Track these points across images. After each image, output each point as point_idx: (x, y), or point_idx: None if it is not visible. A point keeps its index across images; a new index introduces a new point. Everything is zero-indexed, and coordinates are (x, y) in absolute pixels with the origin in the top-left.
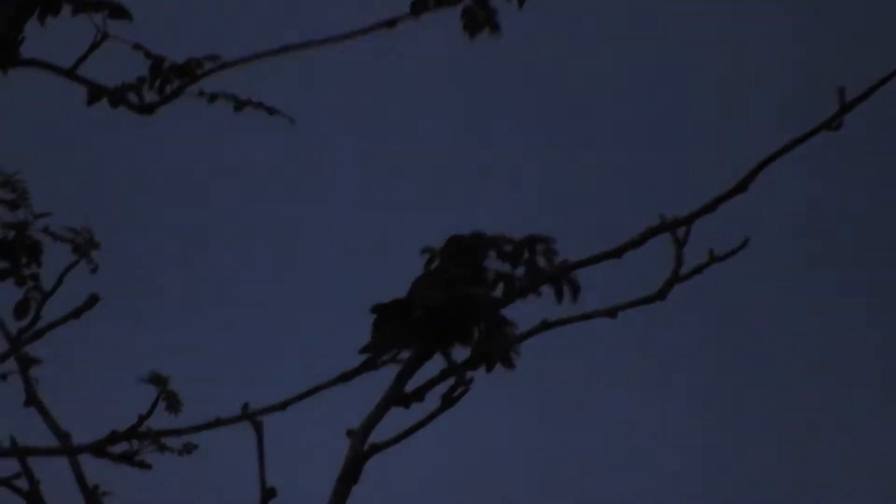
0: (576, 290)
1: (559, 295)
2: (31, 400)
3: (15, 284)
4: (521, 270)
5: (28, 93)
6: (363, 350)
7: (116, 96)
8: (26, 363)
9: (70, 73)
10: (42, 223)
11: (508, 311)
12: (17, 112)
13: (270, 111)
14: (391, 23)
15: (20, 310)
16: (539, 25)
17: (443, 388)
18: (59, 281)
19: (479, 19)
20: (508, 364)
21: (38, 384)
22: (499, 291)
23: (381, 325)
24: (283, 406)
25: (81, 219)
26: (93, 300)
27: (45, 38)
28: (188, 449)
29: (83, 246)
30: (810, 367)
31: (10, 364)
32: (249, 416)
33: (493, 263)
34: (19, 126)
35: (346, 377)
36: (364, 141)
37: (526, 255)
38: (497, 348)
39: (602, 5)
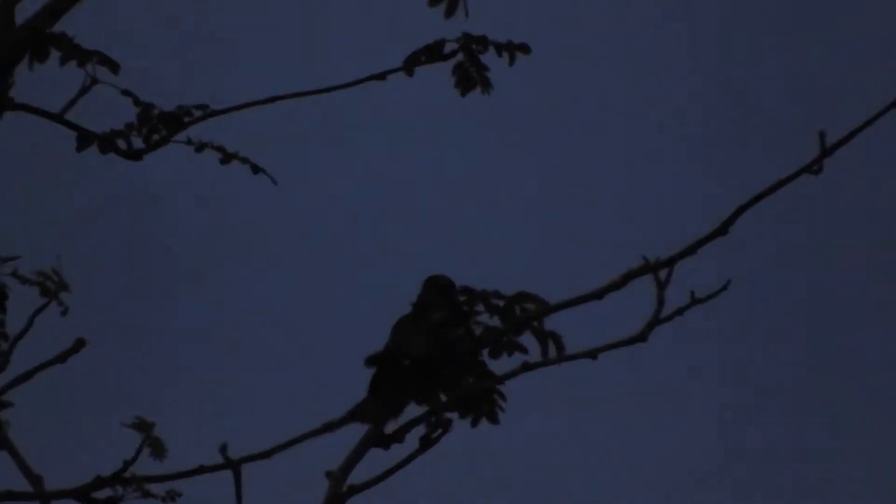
0: (559, 346)
1: (544, 350)
2: (2, 443)
3: None
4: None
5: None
6: (358, 413)
7: (106, 143)
8: None
9: (59, 118)
10: (10, 266)
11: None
12: None
13: (255, 169)
14: (382, 76)
15: None
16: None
17: (421, 429)
18: (29, 324)
19: (472, 77)
20: (493, 420)
21: (8, 427)
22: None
23: (376, 385)
24: (267, 454)
25: (52, 260)
26: (79, 344)
27: (32, 82)
28: (172, 496)
29: (52, 289)
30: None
31: None
32: (233, 463)
33: (483, 317)
34: None
35: (330, 426)
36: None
37: (517, 311)
38: (480, 394)
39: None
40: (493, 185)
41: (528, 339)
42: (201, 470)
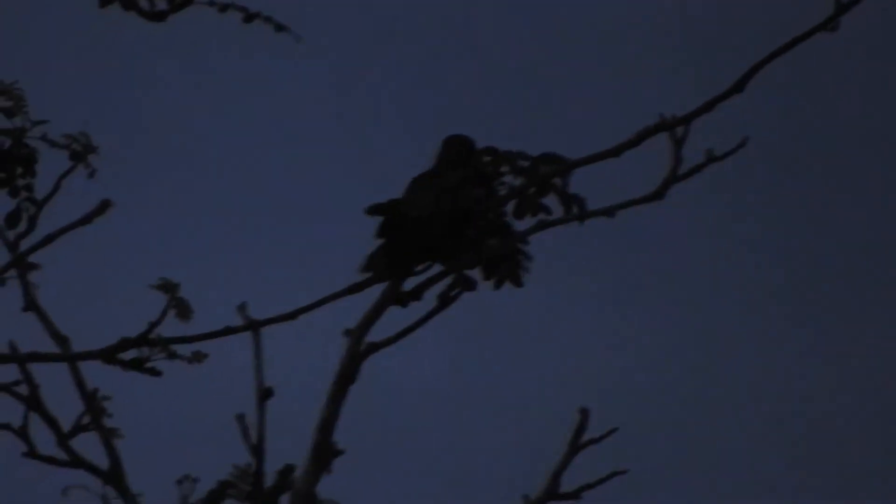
0: (582, 208)
1: (567, 208)
2: (31, 305)
3: (9, 195)
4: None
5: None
6: (364, 269)
7: (128, 1)
8: (25, 268)
9: None
10: (39, 130)
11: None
12: (16, 20)
13: (279, 27)
14: None
15: (11, 219)
16: None
17: (441, 287)
18: (56, 187)
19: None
20: (517, 282)
21: (37, 289)
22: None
23: (381, 236)
24: (292, 316)
25: (80, 125)
26: (104, 206)
27: None
28: (198, 357)
29: (80, 152)
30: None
31: (10, 270)
32: (258, 324)
33: (508, 178)
34: (18, 34)
35: (355, 289)
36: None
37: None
38: (504, 258)
39: None
40: (509, 47)
41: (551, 203)
42: (227, 331)
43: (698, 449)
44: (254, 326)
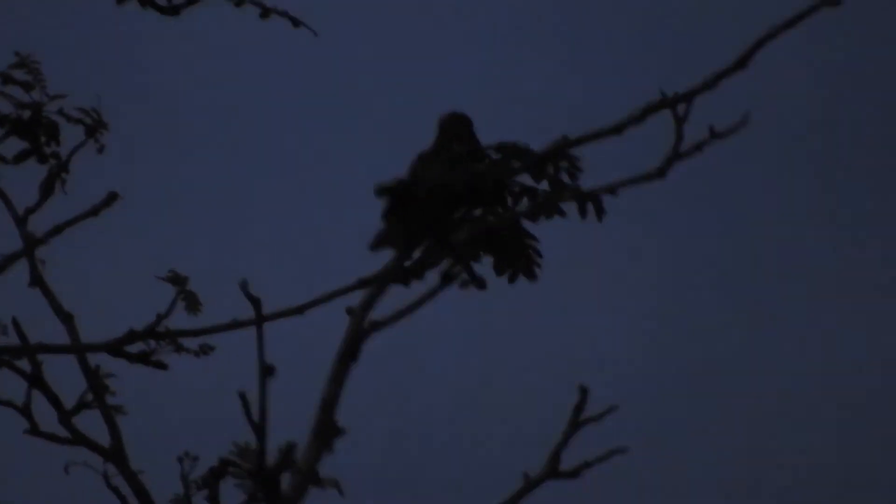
0: (599, 209)
1: (583, 212)
2: (36, 280)
3: (38, 162)
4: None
5: None
6: (375, 244)
7: None
8: (31, 243)
9: None
10: (56, 105)
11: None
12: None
13: (295, 22)
14: None
15: (46, 187)
16: None
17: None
18: (68, 160)
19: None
20: (531, 276)
21: (43, 265)
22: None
23: (390, 216)
24: (300, 310)
25: (93, 100)
26: (111, 197)
27: None
28: (205, 350)
29: (91, 126)
30: (813, 235)
31: (16, 244)
32: (265, 319)
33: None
34: (36, 9)
35: (364, 283)
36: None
37: (550, 171)
38: (516, 251)
39: None
40: (508, 26)
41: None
42: (234, 325)
43: (697, 428)
44: (260, 321)
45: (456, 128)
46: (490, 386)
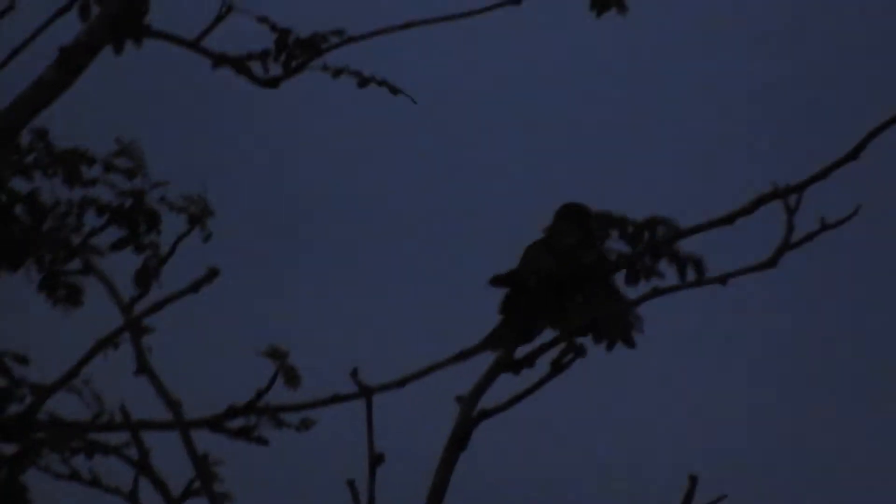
0: (700, 270)
1: (682, 274)
2: (143, 368)
3: (134, 252)
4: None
5: (145, 64)
6: (492, 341)
7: (241, 64)
8: (138, 331)
9: (194, 45)
10: (158, 192)
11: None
12: (135, 83)
13: (394, 90)
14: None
15: (140, 278)
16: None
17: (553, 354)
18: (173, 249)
19: None
20: (629, 343)
21: (150, 352)
22: (621, 273)
23: (507, 308)
24: (401, 383)
25: (197, 187)
26: (212, 273)
27: (168, 11)
28: (306, 424)
29: (198, 215)
30: None
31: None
32: (367, 392)
33: (616, 244)
34: (138, 96)
35: (464, 355)
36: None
37: (646, 236)
38: (615, 320)
39: None
40: (627, 116)
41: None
42: (335, 399)
43: None
44: (362, 394)
45: (567, 219)
46: (597, 468)
